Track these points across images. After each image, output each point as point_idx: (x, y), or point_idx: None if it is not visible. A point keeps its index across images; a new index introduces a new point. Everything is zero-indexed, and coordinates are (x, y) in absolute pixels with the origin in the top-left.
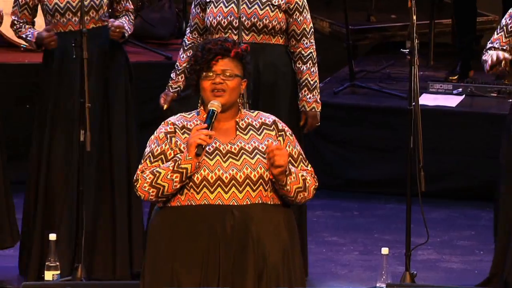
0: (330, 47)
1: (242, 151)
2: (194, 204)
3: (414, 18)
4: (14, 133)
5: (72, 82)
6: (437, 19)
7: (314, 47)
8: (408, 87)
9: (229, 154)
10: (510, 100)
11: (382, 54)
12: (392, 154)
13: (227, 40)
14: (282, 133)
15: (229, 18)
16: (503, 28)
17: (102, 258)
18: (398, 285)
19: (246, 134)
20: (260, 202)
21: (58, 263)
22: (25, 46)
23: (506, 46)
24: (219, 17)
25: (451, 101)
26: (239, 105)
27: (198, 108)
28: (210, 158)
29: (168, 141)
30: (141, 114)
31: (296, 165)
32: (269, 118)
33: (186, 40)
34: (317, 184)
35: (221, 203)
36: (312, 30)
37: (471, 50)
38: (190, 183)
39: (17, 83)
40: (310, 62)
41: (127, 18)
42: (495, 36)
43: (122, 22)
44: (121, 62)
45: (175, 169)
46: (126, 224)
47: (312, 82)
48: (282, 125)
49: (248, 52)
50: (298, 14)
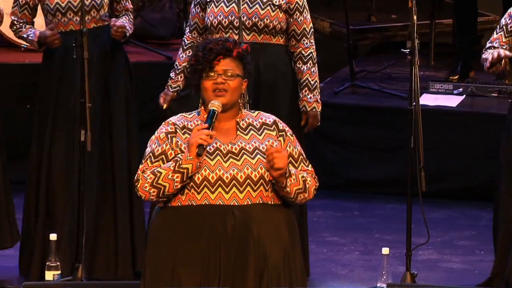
0: (330, 47)
1: (243, 151)
2: (194, 204)
3: (415, 18)
4: (14, 133)
5: (72, 82)
6: (437, 19)
7: (314, 47)
8: (408, 87)
9: (229, 154)
10: (510, 100)
11: (382, 54)
12: (392, 154)
13: (228, 40)
14: (283, 133)
15: (230, 17)
16: (503, 28)
17: (103, 258)
18: (399, 285)
19: (246, 134)
20: (260, 202)
21: (58, 263)
22: (25, 46)
23: (505, 46)
24: (220, 16)
25: (452, 101)
26: (240, 105)
27: (199, 108)
28: (211, 158)
29: (169, 141)
30: (141, 114)
31: (296, 165)
32: (269, 118)
33: (185, 39)
34: (317, 184)
35: (221, 203)
36: (312, 30)
37: (472, 50)
38: (191, 183)
39: (17, 83)
40: (311, 62)
41: (127, 18)
42: (495, 35)
43: (123, 22)
44: (121, 62)
45: (176, 169)
46: (127, 223)
47: (312, 82)
48: (282, 125)
49: (248, 52)
50: (298, 14)
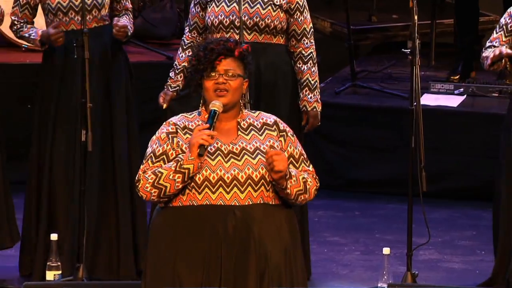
0: (331, 47)
1: (244, 152)
2: (196, 204)
3: (416, 18)
4: (14, 133)
5: (73, 82)
6: (438, 19)
7: (314, 47)
8: (409, 87)
9: (230, 155)
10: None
11: (383, 54)
12: (393, 154)
13: (230, 40)
14: (284, 133)
15: (231, 17)
16: (503, 27)
17: (105, 258)
18: (400, 285)
19: (247, 135)
20: (261, 202)
21: (59, 263)
22: (26, 46)
23: (505, 45)
24: (221, 16)
25: (453, 101)
26: (241, 105)
27: (200, 108)
28: (212, 158)
29: (169, 141)
30: (141, 114)
31: (297, 165)
32: (270, 118)
33: (185, 39)
34: (318, 185)
35: (222, 203)
36: (312, 30)
37: (473, 50)
38: (192, 183)
39: (17, 83)
40: (311, 62)
41: (128, 17)
42: (495, 35)
43: (125, 22)
44: (121, 62)
45: (177, 169)
46: (129, 223)
47: (313, 82)
48: (283, 125)
49: (249, 52)
50: (299, 14)
